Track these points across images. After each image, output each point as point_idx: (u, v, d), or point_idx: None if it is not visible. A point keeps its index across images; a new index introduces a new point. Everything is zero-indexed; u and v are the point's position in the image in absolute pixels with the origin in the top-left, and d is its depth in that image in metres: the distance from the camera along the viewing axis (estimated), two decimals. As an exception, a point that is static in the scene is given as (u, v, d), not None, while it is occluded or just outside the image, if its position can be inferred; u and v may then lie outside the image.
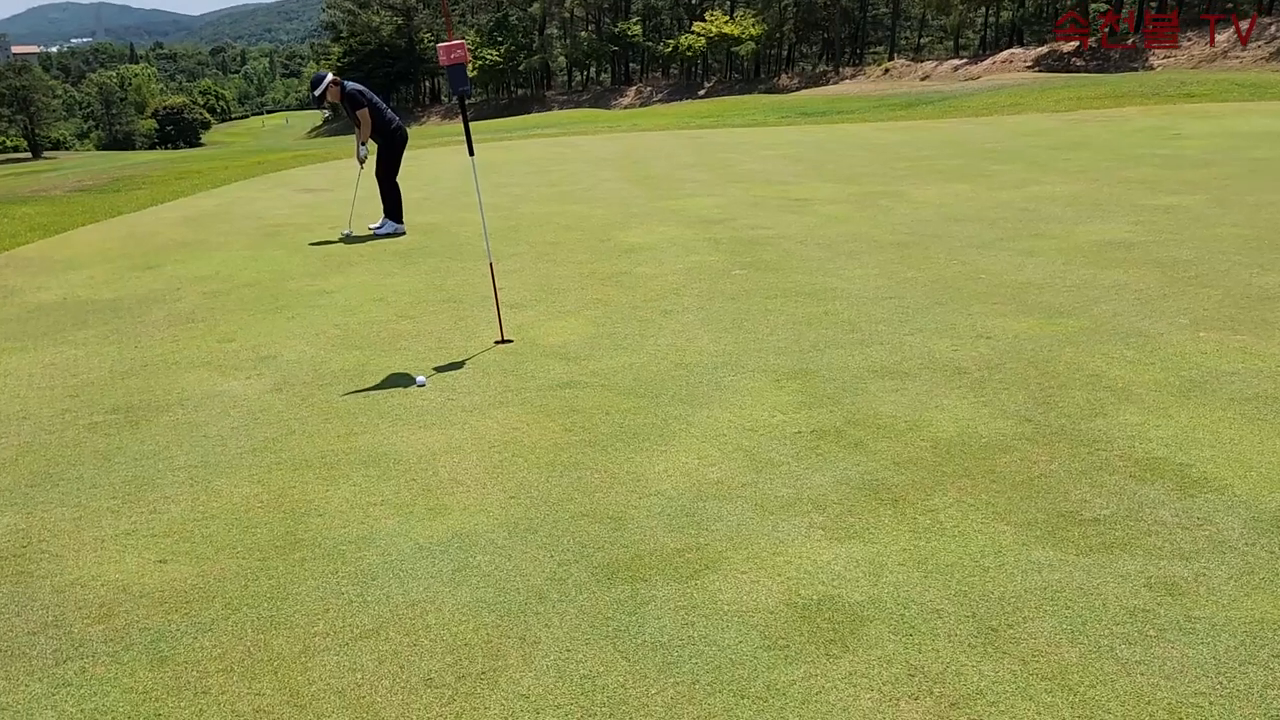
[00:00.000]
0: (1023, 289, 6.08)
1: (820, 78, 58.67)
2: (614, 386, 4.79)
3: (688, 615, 2.76)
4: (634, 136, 24.63)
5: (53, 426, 4.66)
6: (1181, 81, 26.38)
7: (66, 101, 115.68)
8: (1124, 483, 3.42)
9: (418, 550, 3.24)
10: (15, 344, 6.28)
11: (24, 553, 3.38)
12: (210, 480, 3.91)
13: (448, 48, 5.42)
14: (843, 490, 3.50)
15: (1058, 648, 2.51)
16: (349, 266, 8.27)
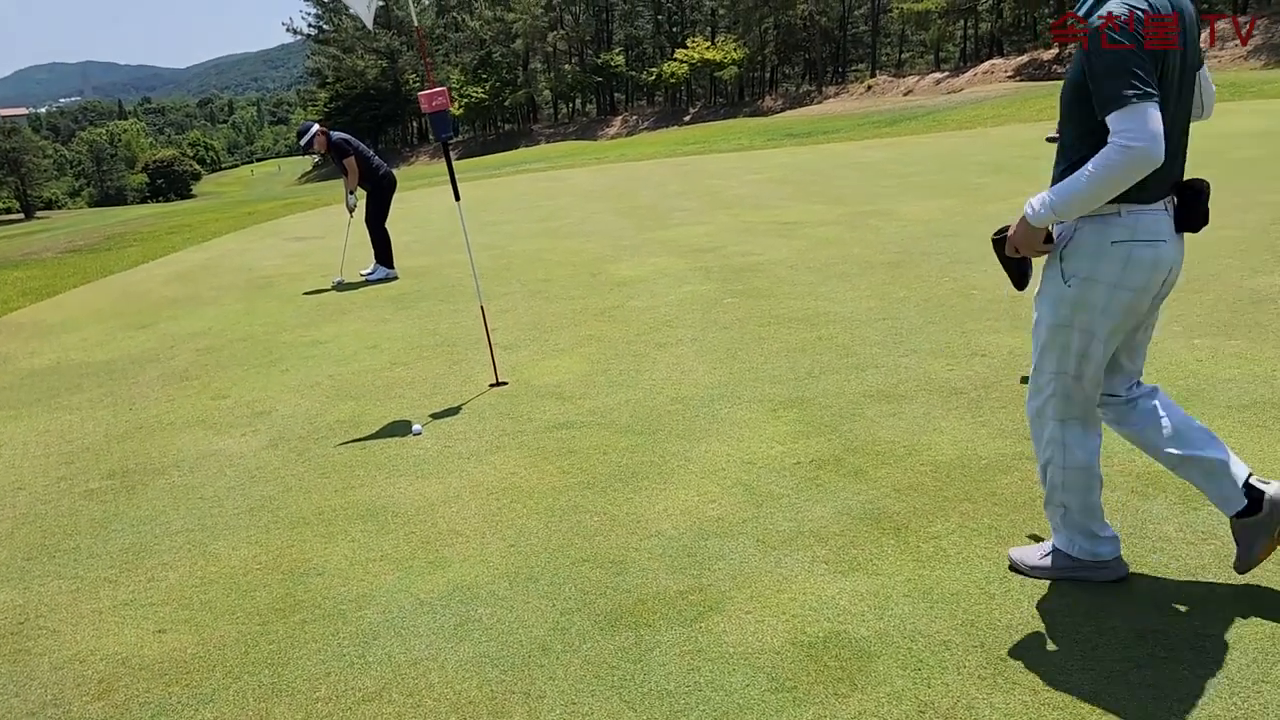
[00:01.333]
0: (1015, 303, 6.07)
1: (804, 98, 59.12)
2: (611, 425, 4.77)
3: (693, 660, 2.73)
4: (621, 167, 24.74)
5: (48, 496, 4.63)
6: (1162, 84, 26.55)
7: (57, 160, 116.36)
8: (1126, 499, 3.39)
9: (418, 606, 3.20)
10: (9, 411, 6.26)
11: (21, 629, 3.34)
12: (208, 544, 3.88)
13: (429, 95, 5.44)
14: (844, 521, 3.47)
15: (1068, 675, 2.48)
16: (342, 315, 8.27)
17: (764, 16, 63.74)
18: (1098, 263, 2.62)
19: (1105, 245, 2.60)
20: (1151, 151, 2.35)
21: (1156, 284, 2.65)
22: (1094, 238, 2.62)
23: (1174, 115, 2.51)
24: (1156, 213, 2.59)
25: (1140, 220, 2.58)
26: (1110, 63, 2.41)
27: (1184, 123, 2.62)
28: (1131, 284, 2.61)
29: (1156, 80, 2.40)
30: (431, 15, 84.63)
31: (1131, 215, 2.58)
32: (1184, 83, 2.56)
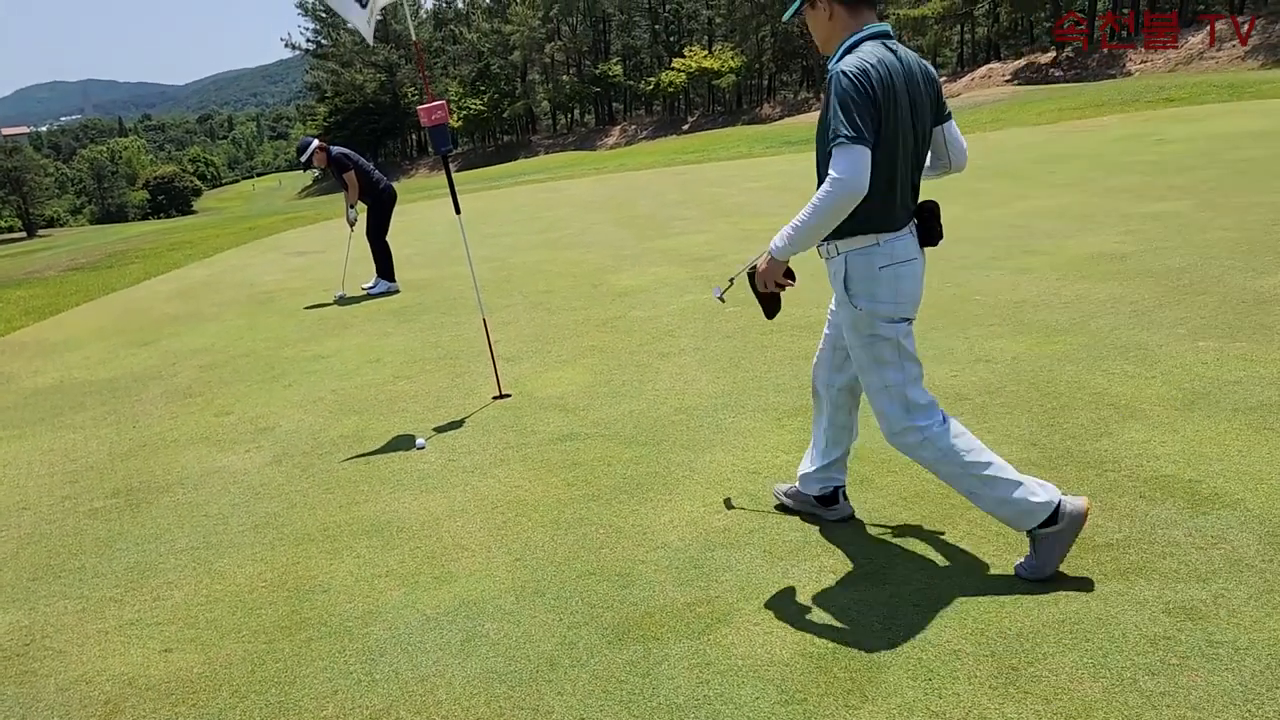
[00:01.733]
0: (1018, 308, 6.07)
1: (802, 105, 59.25)
2: (615, 436, 4.76)
3: (702, 673, 2.71)
4: (621, 177, 24.79)
5: (53, 516, 4.62)
6: (1160, 86, 26.60)
7: (58, 179, 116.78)
8: (1134, 504, 3.37)
9: (425, 622, 3.19)
10: (13, 431, 6.26)
11: (27, 651, 3.33)
12: (213, 561, 3.87)
13: (428, 109, 5.45)
14: (852, 530, 3.45)
15: (1080, 683, 2.46)
16: (344, 329, 8.27)
17: (761, 24, 63.94)
18: (875, 286, 3.04)
19: (875, 271, 3.03)
20: (857, 185, 2.79)
21: (918, 295, 3.13)
22: (864, 268, 3.04)
23: (903, 159, 2.97)
24: (905, 237, 3.06)
25: (895, 246, 3.03)
26: (837, 106, 2.82)
27: (917, 167, 3.08)
28: (905, 297, 3.08)
29: (875, 129, 2.83)
30: (429, 28, 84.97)
31: (888, 243, 3.02)
32: (917, 135, 3.01)
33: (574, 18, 76.21)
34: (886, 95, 2.86)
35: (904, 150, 2.97)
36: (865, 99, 2.81)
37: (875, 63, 2.86)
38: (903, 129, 2.93)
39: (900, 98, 2.91)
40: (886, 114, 2.86)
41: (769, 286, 3.19)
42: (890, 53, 2.95)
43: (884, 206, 2.97)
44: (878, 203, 2.94)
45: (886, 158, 2.91)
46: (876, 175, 2.87)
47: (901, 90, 2.91)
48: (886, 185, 2.94)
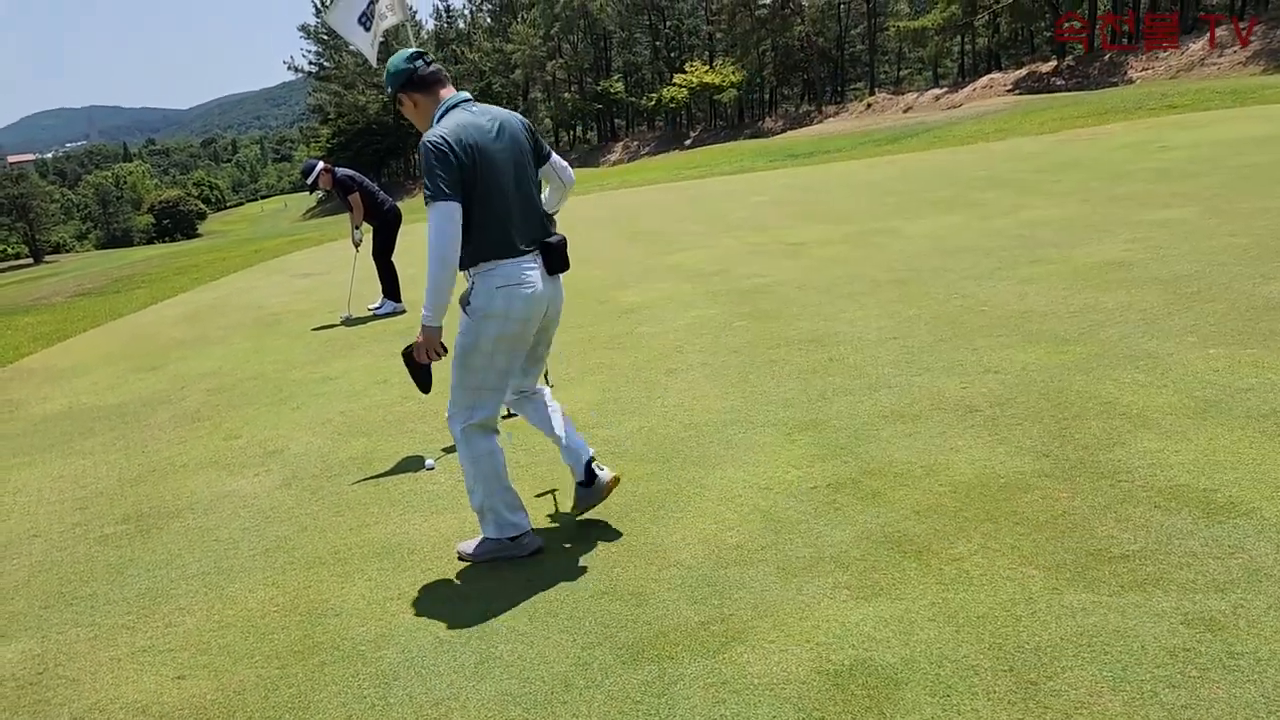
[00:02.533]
0: (1026, 318, 6.05)
1: (804, 118, 59.36)
2: (624, 453, 4.74)
3: (718, 693, 2.69)
4: (624, 193, 24.86)
5: (64, 543, 4.62)
6: (1163, 93, 26.62)
7: (64, 205, 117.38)
8: (1149, 514, 3.35)
9: (438, 644, 3.18)
10: (23, 458, 6.27)
11: (40, 679, 3.32)
12: (224, 586, 3.86)
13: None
14: (864, 545, 3.44)
15: (1100, 698, 2.44)
16: (351, 350, 8.28)
17: (761, 39, 64.15)
18: (490, 302, 3.50)
19: (492, 290, 3.50)
20: (451, 233, 3.33)
21: (536, 315, 3.60)
22: (484, 285, 3.51)
23: (512, 198, 3.50)
24: (526, 263, 3.53)
25: (514, 270, 3.50)
26: (424, 171, 3.37)
27: (529, 201, 3.59)
28: (516, 316, 3.53)
29: (459, 182, 3.34)
30: (431, 48, 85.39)
31: (505, 266, 3.49)
32: (519, 177, 3.54)
33: (575, 35, 76.57)
34: (470, 152, 3.38)
35: (510, 190, 3.50)
36: (445, 162, 3.32)
37: (454, 127, 3.40)
38: (502, 173, 3.47)
39: (490, 150, 3.44)
40: (477, 166, 3.39)
41: (432, 356, 3.56)
42: (472, 115, 3.50)
43: (499, 237, 3.47)
44: (491, 237, 3.46)
45: (494, 199, 3.45)
46: (488, 214, 3.43)
47: (489, 143, 3.44)
48: (498, 220, 3.46)
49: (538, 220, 3.63)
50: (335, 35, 68.02)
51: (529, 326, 3.60)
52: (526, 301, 3.53)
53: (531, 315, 3.58)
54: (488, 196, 3.43)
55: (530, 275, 3.54)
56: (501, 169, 3.46)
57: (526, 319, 3.57)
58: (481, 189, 3.41)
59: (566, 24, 74.35)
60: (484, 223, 3.43)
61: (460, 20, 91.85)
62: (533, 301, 3.55)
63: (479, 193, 3.41)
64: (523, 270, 3.52)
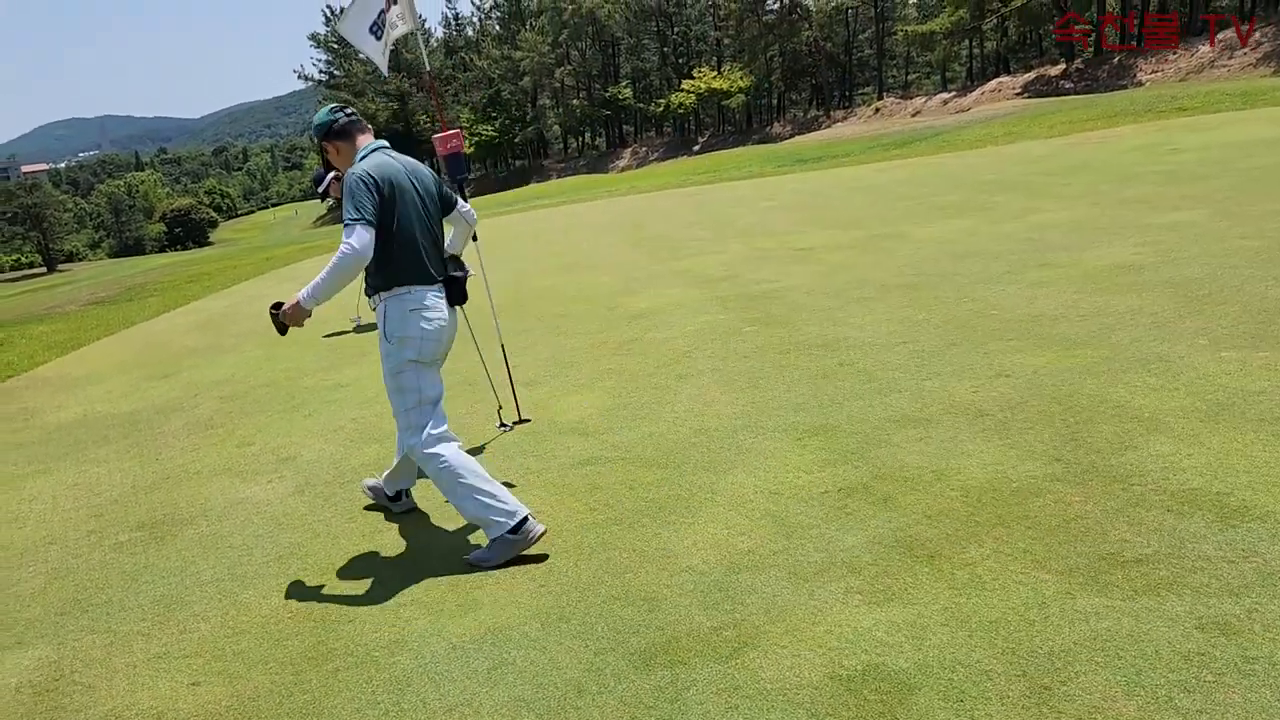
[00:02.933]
0: (1036, 322, 6.04)
1: (812, 123, 59.35)
2: (635, 459, 4.75)
3: (730, 698, 2.70)
4: (633, 199, 24.89)
5: (79, 550, 4.65)
6: (1172, 96, 26.55)
7: (77, 214, 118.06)
8: (1162, 518, 3.34)
9: (451, 650, 3.19)
10: (38, 466, 6.31)
11: (57, 686, 3.34)
12: (238, 593, 3.88)
13: (444, 138, 5.49)
14: (876, 550, 3.43)
15: (1114, 702, 2.44)
16: (362, 357, 8.31)
17: (769, 44, 64.20)
18: (405, 325, 3.89)
19: (406, 313, 3.89)
20: (363, 253, 3.69)
21: (446, 338, 4.02)
22: (398, 309, 3.90)
23: (421, 234, 3.91)
24: (434, 290, 3.97)
25: (424, 295, 3.92)
26: (347, 197, 3.75)
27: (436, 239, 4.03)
28: (428, 335, 3.91)
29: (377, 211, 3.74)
30: (440, 56, 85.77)
31: (418, 292, 3.91)
32: (428, 215, 3.99)
33: (583, 42, 76.73)
34: (389, 187, 3.80)
35: (420, 227, 3.92)
36: (368, 193, 3.73)
37: (376, 165, 3.83)
38: (415, 211, 3.90)
39: (405, 190, 3.87)
40: (395, 201, 3.81)
41: (290, 324, 3.89)
42: (390, 158, 3.94)
43: (410, 266, 3.88)
44: (405, 263, 3.87)
45: (408, 230, 3.86)
46: (403, 243, 3.84)
47: (405, 185, 3.88)
48: (410, 251, 3.87)
49: (441, 258, 4.07)
50: (347, 44, 68.34)
51: (440, 345, 4.01)
52: (438, 322, 3.96)
53: (442, 336, 3.98)
54: (403, 228, 3.85)
55: (439, 302, 3.97)
56: (414, 207, 3.91)
57: (438, 340, 3.97)
58: (399, 221, 3.84)
59: (575, 31, 74.52)
60: (399, 252, 3.85)
61: (469, 28, 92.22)
62: (444, 326, 3.98)
63: (397, 224, 3.83)
64: (432, 298, 3.95)
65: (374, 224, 3.74)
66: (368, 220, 3.71)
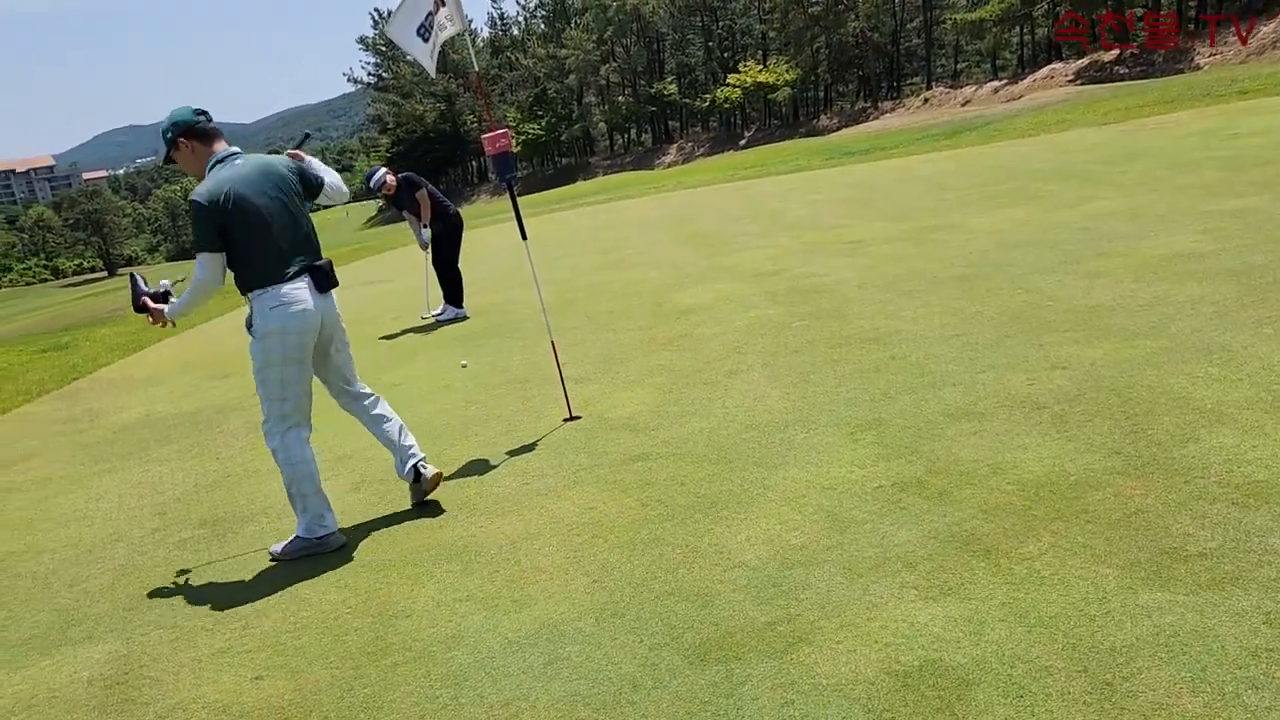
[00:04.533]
0: (1093, 313, 5.94)
1: (859, 115, 58.80)
2: (686, 455, 4.76)
3: (786, 693, 2.69)
4: (680, 195, 24.86)
5: (144, 547, 4.77)
6: (1232, 79, 25.88)
7: (136, 219, 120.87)
8: (1227, 511, 3.27)
9: (507, 645, 3.22)
10: (104, 466, 6.48)
11: (126, 679, 3.44)
12: (299, 589, 3.96)
13: (492, 138, 5.53)
14: (931, 545, 3.40)
15: (1179, 699, 2.39)
16: (414, 356, 8.41)
17: (815, 36, 63.69)
18: (267, 321, 4.12)
19: (266, 310, 4.11)
20: (212, 283, 4.13)
21: (311, 328, 4.21)
22: (259, 307, 4.13)
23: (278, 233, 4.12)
24: (296, 285, 4.15)
25: (284, 292, 4.12)
26: (193, 223, 4.05)
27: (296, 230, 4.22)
28: (292, 329, 4.13)
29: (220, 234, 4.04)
30: (486, 56, 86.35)
31: (276, 289, 4.11)
32: (283, 213, 4.16)
33: (628, 39, 76.78)
34: (234, 204, 4.01)
35: (276, 227, 4.12)
36: (206, 218, 3.99)
37: (214, 184, 4.04)
38: (264, 213, 4.09)
39: (252, 197, 4.06)
40: (241, 214, 4.02)
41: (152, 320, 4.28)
42: (235, 168, 4.11)
43: (271, 267, 4.11)
44: (259, 266, 4.10)
45: (259, 235, 4.07)
46: (255, 248, 4.08)
47: (251, 192, 4.07)
48: (261, 254, 4.09)
49: (306, 247, 4.27)
50: (394, 46, 69.06)
51: (305, 338, 4.20)
52: (298, 317, 4.14)
53: (305, 328, 4.18)
54: (253, 234, 4.06)
55: (299, 294, 4.15)
56: (264, 209, 4.10)
57: (301, 332, 4.17)
58: (247, 230, 4.06)
59: (620, 27, 74.59)
60: (253, 255, 4.09)
61: (514, 27, 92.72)
62: (304, 317, 4.16)
63: (244, 234, 4.06)
64: (293, 291, 4.13)
65: (214, 250, 4.05)
66: (207, 246, 4.04)
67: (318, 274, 4.27)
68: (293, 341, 4.16)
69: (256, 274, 4.12)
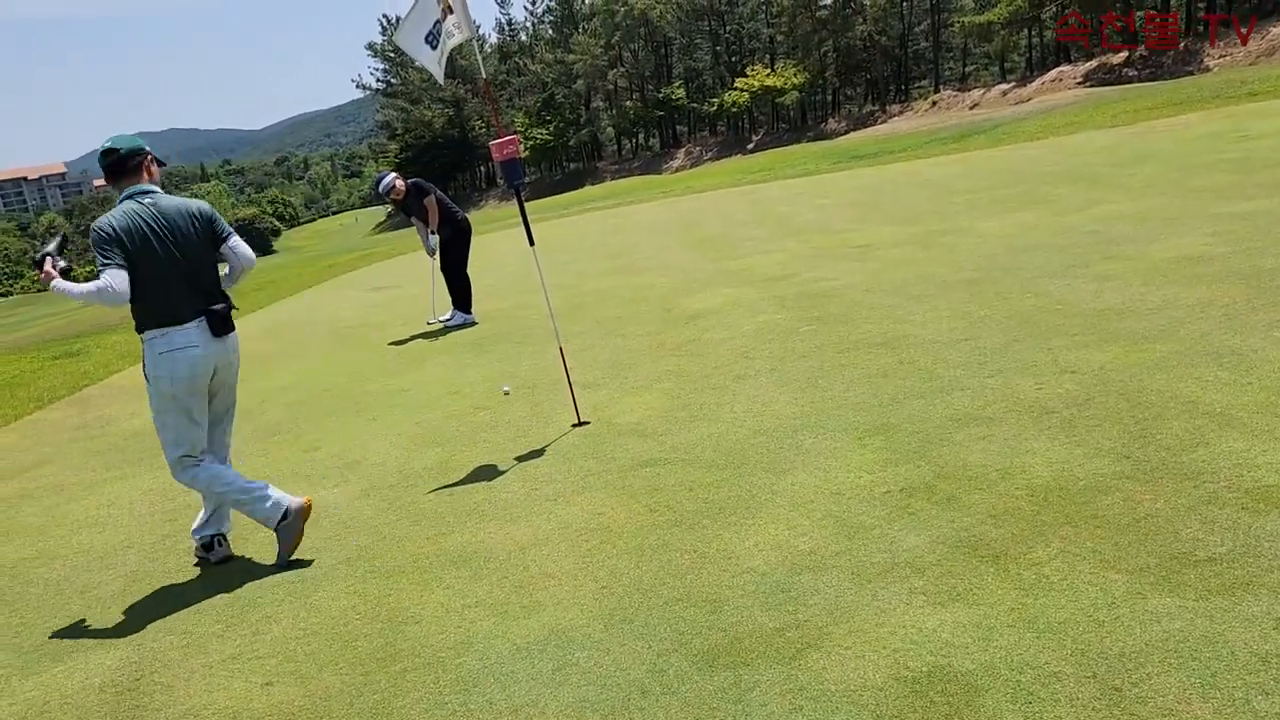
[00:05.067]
0: (1103, 316, 5.92)
1: (867, 118, 58.76)
2: (695, 460, 4.76)
3: (794, 699, 2.69)
4: (688, 199, 24.88)
5: (155, 554, 4.79)
6: (1242, 80, 25.80)
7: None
8: (1236, 516, 3.26)
9: (516, 651, 3.23)
10: (115, 472, 6.51)
11: (138, 685, 3.45)
12: (308, 595, 3.97)
13: (500, 144, 5.56)
14: (940, 550, 3.40)
15: (1189, 705, 2.39)
16: (423, 361, 8.44)
17: (823, 40, 63.71)
18: (156, 367, 4.19)
19: (156, 355, 4.19)
20: (116, 292, 3.99)
21: (202, 373, 4.27)
22: (150, 352, 4.21)
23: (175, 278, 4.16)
24: (186, 329, 4.21)
25: (173, 336, 4.18)
26: (95, 247, 4.04)
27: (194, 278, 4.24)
28: (178, 376, 4.19)
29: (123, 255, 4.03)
30: (494, 62, 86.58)
31: (166, 334, 4.17)
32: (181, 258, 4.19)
33: (635, 43, 76.86)
34: (134, 236, 4.06)
35: (173, 270, 4.16)
36: (110, 242, 4.03)
37: (119, 215, 4.11)
38: (166, 256, 4.13)
39: (154, 236, 4.11)
40: (138, 249, 4.06)
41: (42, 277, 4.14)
42: (141, 206, 4.15)
43: (161, 310, 4.16)
44: (154, 308, 4.15)
45: (155, 276, 4.11)
46: (149, 288, 4.10)
47: (154, 230, 4.11)
48: (156, 295, 4.14)
49: (202, 292, 4.28)
50: (403, 54, 69.36)
51: (196, 383, 4.26)
52: (189, 363, 4.20)
53: (195, 374, 4.24)
54: (149, 274, 4.10)
55: (191, 338, 4.21)
56: (162, 252, 4.13)
57: (191, 378, 4.23)
58: (144, 268, 4.08)
59: (627, 33, 74.70)
60: (146, 297, 4.12)
61: (522, 33, 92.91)
62: (195, 362, 4.22)
63: (141, 271, 4.08)
64: (184, 335, 4.20)
65: (124, 266, 4.03)
66: (118, 264, 4.02)
67: (213, 318, 4.28)
68: (182, 387, 4.22)
69: (148, 316, 4.18)
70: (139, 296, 4.12)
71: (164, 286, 4.15)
